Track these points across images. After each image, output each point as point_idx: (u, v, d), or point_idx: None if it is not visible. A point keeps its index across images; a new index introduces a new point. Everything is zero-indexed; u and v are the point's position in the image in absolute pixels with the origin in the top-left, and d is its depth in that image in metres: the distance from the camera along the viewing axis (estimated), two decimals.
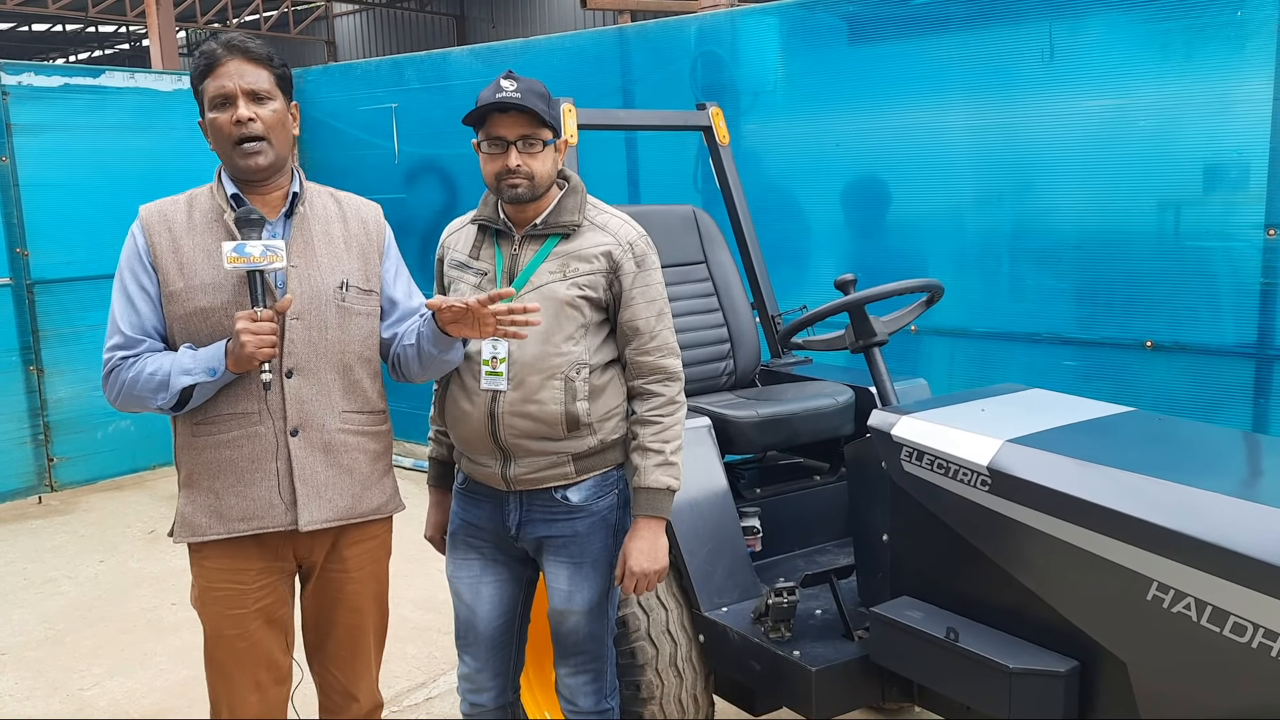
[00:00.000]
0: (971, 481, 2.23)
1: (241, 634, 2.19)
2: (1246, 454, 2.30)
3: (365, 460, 2.22)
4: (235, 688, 2.21)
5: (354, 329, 2.19)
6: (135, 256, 2.12)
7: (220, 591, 2.18)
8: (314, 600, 2.29)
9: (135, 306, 2.11)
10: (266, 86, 2.09)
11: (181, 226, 2.12)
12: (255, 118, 2.06)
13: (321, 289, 2.15)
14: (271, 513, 2.13)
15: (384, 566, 2.36)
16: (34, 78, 6.12)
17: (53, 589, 4.79)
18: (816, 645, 2.53)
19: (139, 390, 2.08)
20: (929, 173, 4.46)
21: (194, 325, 2.09)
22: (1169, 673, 1.93)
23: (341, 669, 2.34)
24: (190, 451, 2.15)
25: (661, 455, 2.26)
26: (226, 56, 2.07)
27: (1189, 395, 3.88)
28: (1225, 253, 3.75)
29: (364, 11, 22.91)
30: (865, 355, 2.79)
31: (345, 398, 2.19)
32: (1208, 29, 3.69)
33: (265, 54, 2.11)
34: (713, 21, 5.18)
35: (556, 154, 2.26)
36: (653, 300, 2.29)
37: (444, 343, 2.17)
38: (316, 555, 2.23)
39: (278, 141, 2.11)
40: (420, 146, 6.47)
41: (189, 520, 2.15)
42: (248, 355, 1.98)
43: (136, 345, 2.10)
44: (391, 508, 2.31)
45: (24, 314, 6.12)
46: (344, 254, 2.20)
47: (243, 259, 1.99)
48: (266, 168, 2.10)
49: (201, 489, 2.14)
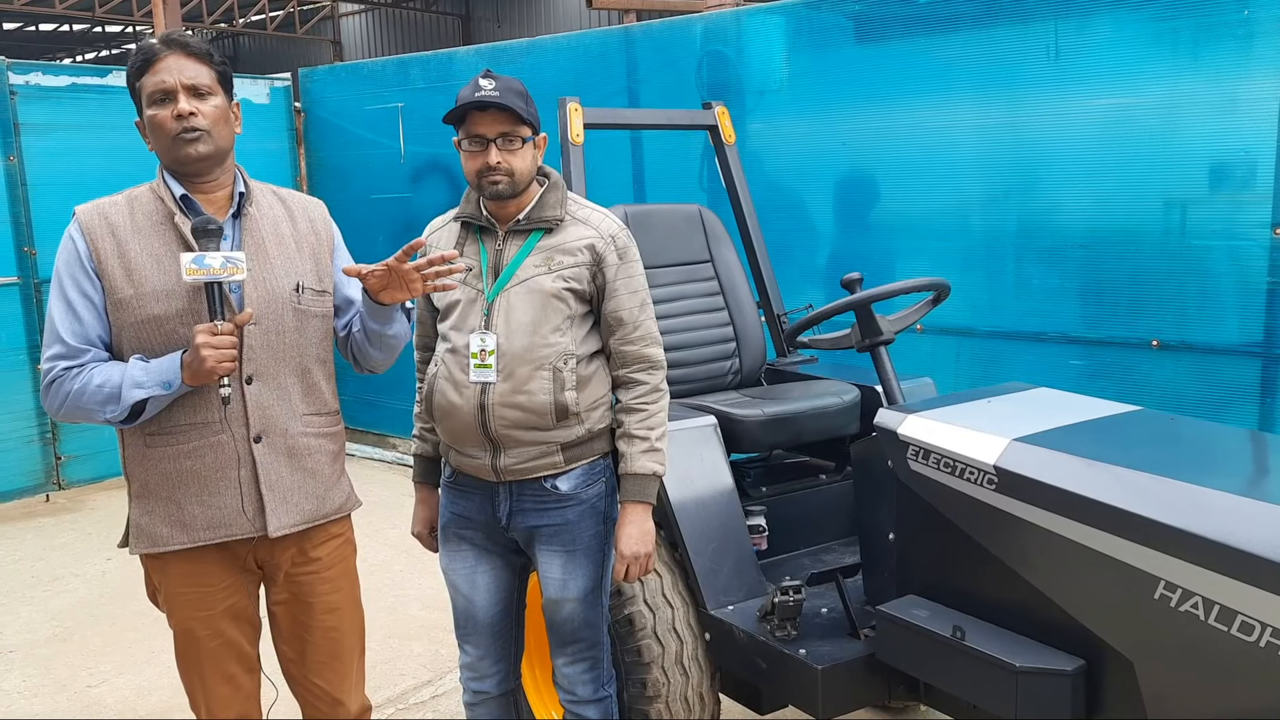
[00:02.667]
0: (978, 480, 2.23)
1: (212, 633, 2.17)
2: (1253, 453, 2.29)
3: (326, 461, 2.21)
4: (209, 683, 2.21)
5: (311, 331, 2.16)
6: (76, 261, 2.03)
7: (188, 595, 2.15)
8: (287, 609, 2.25)
9: (77, 314, 2.02)
10: (207, 82, 2.03)
11: (125, 230, 2.05)
12: (196, 112, 2.00)
13: (277, 292, 2.11)
14: (238, 520, 2.10)
15: (353, 564, 2.34)
16: (41, 77, 6.14)
17: (60, 586, 4.80)
18: (822, 644, 2.53)
19: (85, 402, 2.00)
20: (935, 172, 4.46)
21: (145, 334, 2.02)
22: (1176, 672, 1.93)
23: (324, 676, 2.29)
24: (144, 463, 2.09)
25: (647, 442, 2.30)
26: (165, 52, 2.01)
27: (1195, 395, 3.87)
28: (1232, 252, 3.74)
29: (369, 11, 22.93)
30: (871, 354, 2.79)
31: (304, 400, 2.16)
32: (1215, 27, 3.69)
33: (204, 50, 2.06)
34: (718, 21, 5.17)
35: (536, 150, 2.29)
36: (635, 291, 2.33)
37: (381, 314, 2.15)
38: (279, 559, 2.20)
39: (219, 135, 2.04)
40: (425, 146, 6.48)
41: (146, 531, 2.10)
42: (208, 370, 1.93)
43: (80, 355, 2.02)
44: (351, 505, 2.31)
45: (31, 312, 6.14)
46: (296, 255, 2.17)
47: (202, 270, 1.92)
48: (206, 157, 2.03)
49: (159, 499, 2.09)
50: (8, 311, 6.06)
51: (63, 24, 23.50)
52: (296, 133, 7.15)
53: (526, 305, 2.25)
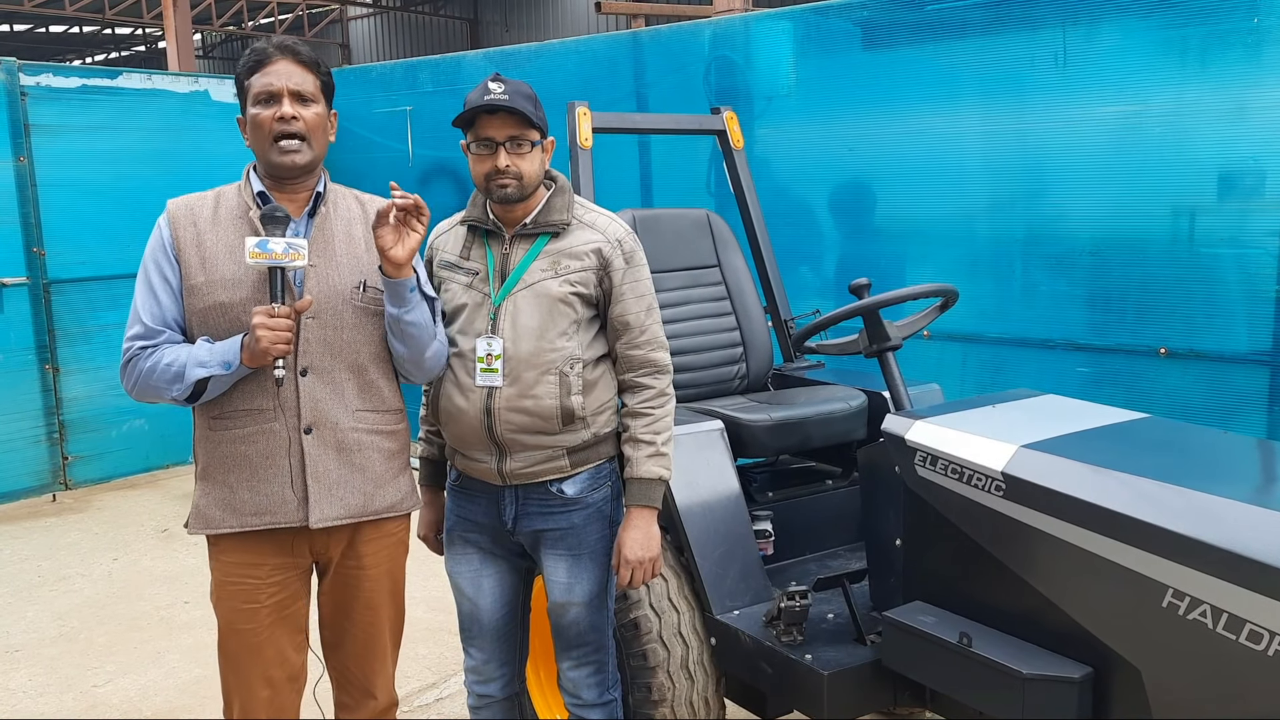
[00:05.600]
0: (986, 487, 2.23)
1: (254, 628, 2.20)
2: (1261, 461, 2.28)
3: (379, 458, 2.24)
4: (246, 682, 2.23)
5: (370, 329, 2.20)
6: (160, 248, 2.15)
7: (235, 586, 2.20)
8: (331, 597, 2.31)
9: (157, 297, 2.13)
10: (311, 90, 2.12)
11: (207, 221, 2.15)
12: (299, 116, 2.09)
13: (339, 288, 2.16)
14: (284, 508, 2.15)
15: (400, 564, 2.37)
16: (52, 79, 6.17)
17: (66, 586, 4.82)
18: (828, 649, 2.53)
19: (155, 380, 2.09)
20: (943, 178, 4.45)
21: (212, 319, 2.11)
22: (1184, 680, 1.92)
23: (359, 666, 2.35)
24: (207, 444, 2.17)
25: (653, 446, 2.30)
26: (277, 56, 2.10)
27: (1203, 403, 3.86)
28: (1240, 260, 3.73)
29: (378, 15, 23.01)
30: (879, 360, 2.79)
31: (359, 396, 2.20)
32: (1224, 35, 3.68)
33: (313, 59, 2.15)
34: (727, 26, 5.18)
35: (544, 154, 2.29)
36: (642, 295, 2.33)
37: (395, 292, 2.13)
38: (333, 552, 2.25)
39: (316, 143, 2.14)
40: (434, 149, 6.50)
41: (203, 512, 2.18)
42: (262, 350, 2.00)
43: (156, 336, 2.11)
44: (407, 505, 2.32)
45: (40, 313, 6.16)
46: (364, 255, 2.21)
47: (265, 255, 2.00)
48: (303, 166, 2.12)
49: (216, 482, 2.17)
50: (17, 312, 6.08)
51: (73, 26, 23.60)
52: None
53: (533, 309, 2.25)
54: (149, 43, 26.30)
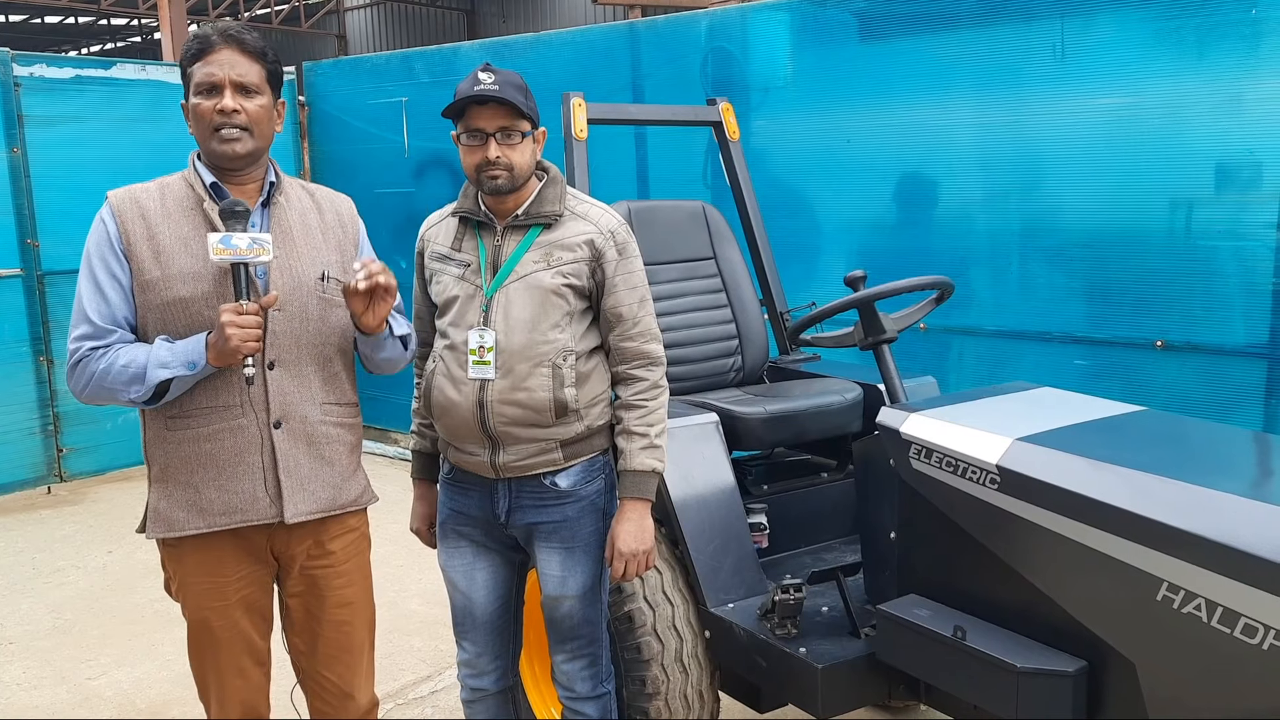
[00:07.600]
0: (980, 480, 2.22)
1: (226, 624, 2.18)
2: (1257, 454, 2.28)
3: (344, 451, 2.22)
4: (222, 674, 2.21)
5: (333, 321, 2.18)
6: (105, 242, 2.06)
7: (203, 585, 2.16)
8: (301, 600, 2.26)
9: (105, 295, 2.05)
10: (256, 80, 2.07)
11: (156, 213, 2.08)
12: (240, 109, 2.04)
13: (303, 280, 2.13)
14: (255, 506, 2.11)
15: (367, 558, 2.35)
16: (46, 69, 6.13)
17: (61, 579, 4.81)
18: (823, 643, 2.52)
19: (110, 383, 2.01)
20: (939, 170, 4.45)
21: (171, 315, 2.05)
22: (1178, 674, 1.92)
23: (335, 669, 2.30)
24: (164, 446, 2.10)
25: (646, 438, 2.29)
26: (221, 45, 2.05)
27: (1200, 395, 3.86)
28: (1237, 252, 3.73)
29: (375, 6, 22.92)
30: (874, 352, 2.78)
31: (324, 389, 2.18)
32: (1221, 27, 3.67)
33: (259, 48, 2.09)
34: (723, 17, 5.17)
35: (535, 145, 2.27)
36: (635, 287, 2.31)
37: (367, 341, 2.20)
38: (295, 549, 2.20)
39: (259, 134, 2.09)
40: (430, 140, 6.48)
41: (164, 515, 2.11)
42: (232, 349, 1.94)
43: (106, 335, 2.04)
44: (367, 499, 2.31)
45: (34, 305, 6.14)
46: (322, 245, 2.19)
47: (229, 251, 1.95)
48: (244, 155, 2.07)
49: (178, 483, 2.10)
50: (10, 303, 6.05)
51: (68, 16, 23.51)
52: (300, 126, 7.14)
53: (525, 301, 2.23)
54: (144, 34, 26.21)
